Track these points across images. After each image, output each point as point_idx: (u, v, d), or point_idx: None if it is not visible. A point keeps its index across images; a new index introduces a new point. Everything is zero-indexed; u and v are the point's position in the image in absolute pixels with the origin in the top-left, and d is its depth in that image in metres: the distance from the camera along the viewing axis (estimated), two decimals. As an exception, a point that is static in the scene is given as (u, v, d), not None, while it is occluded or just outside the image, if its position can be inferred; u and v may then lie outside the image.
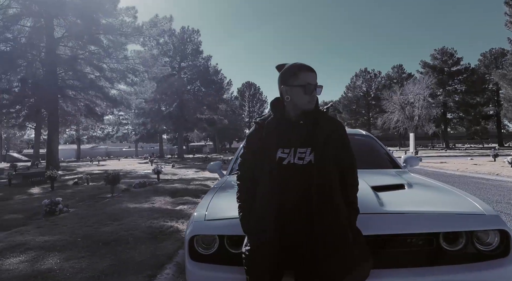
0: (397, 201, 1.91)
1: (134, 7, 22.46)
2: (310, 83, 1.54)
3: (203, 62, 37.27)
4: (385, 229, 1.68)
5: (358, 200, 1.73)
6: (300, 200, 1.50)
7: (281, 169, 1.52)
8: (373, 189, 2.02)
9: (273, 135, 1.58)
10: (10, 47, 20.26)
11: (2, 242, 4.24)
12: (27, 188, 11.11)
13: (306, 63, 1.61)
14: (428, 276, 1.60)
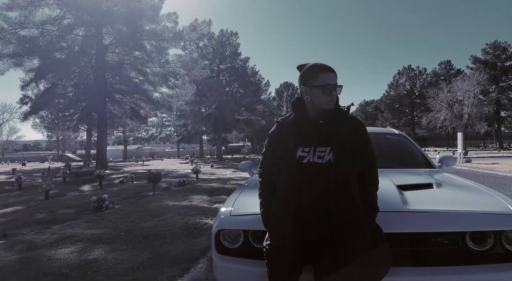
0: (422, 199, 1.89)
1: (175, 13, 23.39)
2: (329, 84, 1.56)
3: (241, 64, 37.83)
4: (407, 227, 1.67)
5: (381, 198, 1.75)
6: (319, 198, 1.52)
7: (301, 167, 1.55)
8: (399, 188, 2.01)
9: (294, 134, 1.61)
10: (65, 55, 21.98)
11: (56, 234, 4.66)
12: (79, 186, 12.01)
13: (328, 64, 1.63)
14: (453, 275, 1.57)
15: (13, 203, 8.38)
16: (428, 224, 1.66)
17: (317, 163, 1.54)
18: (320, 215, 1.52)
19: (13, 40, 20.35)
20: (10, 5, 20.39)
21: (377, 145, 3.21)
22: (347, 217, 1.49)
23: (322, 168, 1.53)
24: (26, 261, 3.57)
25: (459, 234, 1.65)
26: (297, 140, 1.60)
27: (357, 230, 1.49)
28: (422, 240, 1.68)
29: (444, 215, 1.69)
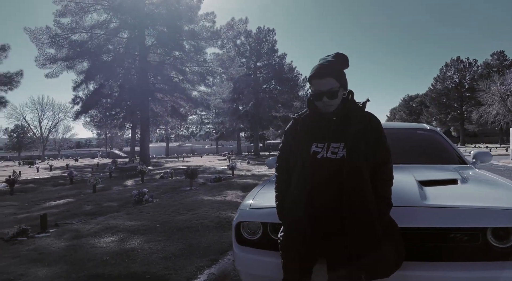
0: (442, 195, 1.86)
1: (213, 12, 23.85)
2: (319, 91, 1.59)
3: (278, 60, 37.73)
4: (424, 222, 1.65)
5: (399, 193, 1.78)
6: (331, 193, 1.55)
7: (315, 162, 1.59)
8: (420, 183, 1.98)
9: (308, 130, 1.66)
10: (111, 57, 23.28)
11: (99, 225, 5.04)
12: (123, 180, 12.74)
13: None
14: (473, 271, 1.54)
15: (65, 195, 9.11)
16: (445, 219, 1.63)
17: (330, 158, 1.57)
18: (332, 209, 1.55)
19: (66, 45, 21.88)
20: (63, 11, 21.93)
21: (406, 140, 3.17)
22: (359, 211, 1.50)
23: (336, 164, 1.56)
24: (72, 248, 3.91)
25: (479, 230, 1.61)
26: (311, 136, 1.64)
27: (368, 224, 1.51)
28: (439, 235, 1.65)
29: (461, 210, 1.66)
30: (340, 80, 1.61)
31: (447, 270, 1.56)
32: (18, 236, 4.47)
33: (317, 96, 1.61)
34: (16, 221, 5.72)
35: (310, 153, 1.61)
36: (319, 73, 1.60)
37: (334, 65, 1.62)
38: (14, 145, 67.51)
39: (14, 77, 25.41)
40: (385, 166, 1.63)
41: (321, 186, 1.58)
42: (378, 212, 1.54)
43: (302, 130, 1.68)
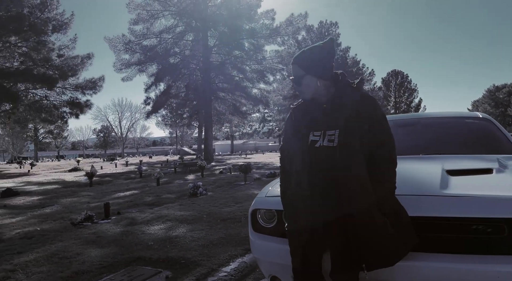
0: (469, 184, 1.71)
1: (273, 10, 23.98)
2: (291, 79, 1.65)
3: (341, 54, 36.47)
4: (441, 212, 1.52)
5: (417, 182, 1.77)
6: (330, 181, 1.50)
7: (314, 151, 1.56)
8: (448, 173, 1.84)
9: (304, 119, 1.64)
10: (177, 59, 24.77)
11: (153, 214, 5.40)
12: (185, 175, 13.50)
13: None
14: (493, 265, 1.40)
15: (133, 187, 9.94)
16: (462, 209, 1.48)
17: (328, 146, 1.53)
18: (331, 196, 1.50)
19: (138, 50, 23.85)
20: (136, 20, 23.92)
21: (450, 129, 2.88)
22: (356, 198, 1.44)
23: (333, 151, 1.52)
24: (125, 233, 4.26)
25: (503, 220, 1.42)
26: (308, 125, 1.62)
27: (366, 212, 1.43)
28: (459, 226, 1.50)
29: (481, 200, 1.49)
30: (306, 68, 1.58)
31: (464, 263, 1.41)
32: (84, 221, 5.01)
33: (292, 83, 1.68)
34: (87, 208, 6.40)
35: (308, 142, 1.58)
36: (293, 59, 1.66)
37: (307, 53, 1.62)
38: (101, 143, 75.59)
39: (98, 82, 28.33)
40: (384, 147, 1.55)
41: (322, 175, 1.53)
42: (377, 197, 1.45)
43: (298, 120, 1.67)
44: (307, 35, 36.47)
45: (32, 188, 10.70)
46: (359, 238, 1.43)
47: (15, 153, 57.36)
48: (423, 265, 1.46)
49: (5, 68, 23.78)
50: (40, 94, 26.25)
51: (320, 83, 1.59)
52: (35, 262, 3.22)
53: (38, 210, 6.46)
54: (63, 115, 27.68)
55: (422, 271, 1.46)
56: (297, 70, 1.59)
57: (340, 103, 1.57)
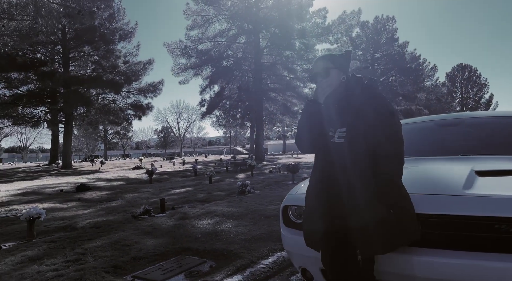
0: (496, 185, 1.75)
1: (325, 8, 23.68)
2: (315, 72, 1.81)
3: (398, 50, 34.73)
4: (461, 210, 1.59)
5: (441, 182, 1.88)
6: (340, 176, 1.66)
7: (330, 147, 1.73)
8: (477, 174, 1.88)
9: (323, 116, 1.80)
10: (230, 62, 25.57)
11: (203, 209, 5.80)
12: (236, 174, 13.98)
13: None
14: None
15: (187, 185, 10.60)
16: (482, 208, 1.55)
17: (339, 143, 1.69)
18: (341, 190, 1.65)
19: (194, 54, 25.06)
20: (192, 25, 25.15)
21: (495, 130, 2.79)
22: (360, 194, 1.58)
23: (342, 147, 1.68)
24: (177, 226, 4.67)
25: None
26: (326, 121, 1.78)
27: (365, 204, 1.56)
28: (480, 225, 1.56)
29: (502, 200, 1.54)
30: (334, 62, 1.76)
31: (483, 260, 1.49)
32: (143, 215, 5.55)
33: (312, 78, 1.82)
34: (146, 203, 7.03)
35: (327, 138, 1.75)
36: (315, 59, 1.85)
37: (331, 54, 1.83)
38: (162, 143, 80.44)
39: (158, 85, 30.32)
40: (388, 142, 1.62)
41: (334, 171, 1.69)
42: (377, 189, 1.57)
43: (318, 116, 1.81)
44: (361, 32, 35.31)
45: (101, 183, 11.89)
46: (356, 227, 1.56)
47: (89, 152, 63.47)
48: (443, 261, 1.54)
49: (79, 75, 26.49)
50: (108, 98, 28.78)
51: (343, 80, 1.75)
52: (101, 247, 3.71)
53: (105, 204, 7.24)
54: (127, 117, 30.09)
55: (444, 267, 1.54)
56: (326, 63, 1.76)
57: (349, 102, 1.72)
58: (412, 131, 3.45)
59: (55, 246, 3.82)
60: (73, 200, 7.84)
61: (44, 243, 3.97)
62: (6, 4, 7.02)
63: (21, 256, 3.46)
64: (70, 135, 27.87)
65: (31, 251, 3.64)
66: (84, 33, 23.93)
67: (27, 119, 26.05)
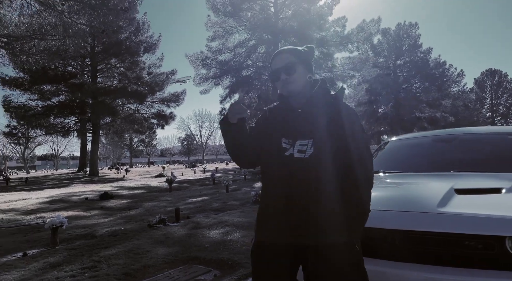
0: (471, 203, 1.86)
1: (344, 17, 23.70)
2: (275, 69, 1.49)
3: (421, 56, 34.07)
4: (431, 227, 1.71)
5: (418, 199, 1.98)
6: (298, 196, 1.37)
7: (284, 159, 1.41)
8: (456, 192, 1.98)
9: (278, 123, 1.50)
10: (250, 72, 25.97)
11: (215, 219, 6.01)
12: (253, 182, 14.16)
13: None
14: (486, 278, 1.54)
15: (204, 194, 10.87)
16: (452, 226, 1.66)
17: (299, 158, 1.38)
18: (299, 214, 1.37)
19: (214, 65, 25.62)
20: (212, 36, 25.78)
21: (486, 146, 2.86)
22: (326, 218, 1.35)
23: (303, 163, 1.37)
24: (189, 236, 4.90)
25: (495, 238, 1.58)
26: (281, 129, 1.47)
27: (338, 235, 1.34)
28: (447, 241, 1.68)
29: (471, 218, 1.66)
30: (299, 56, 1.49)
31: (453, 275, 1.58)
32: (158, 224, 5.82)
33: (274, 75, 1.50)
34: (163, 212, 7.33)
35: (279, 148, 1.43)
36: (280, 50, 1.54)
37: (294, 48, 1.55)
38: (185, 150, 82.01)
39: (180, 95, 31.22)
40: (360, 164, 1.40)
41: (287, 187, 1.38)
42: (347, 220, 1.35)
43: (272, 123, 1.52)
44: (383, 39, 34.95)
45: (124, 192, 12.38)
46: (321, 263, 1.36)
47: (115, 159, 65.59)
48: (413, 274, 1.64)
49: (106, 86, 27.70)
50: (133, 108, 29.85)
51: (309, 79, 1.50)
52: (116, 255, 3.98)
53: (125, 212, 7.61)
54: (151, 126, 31.08)
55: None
56: (290, 57, 1.47)
57: (316, 110, 1.44)
58: (407, 147, 3.54)
59: (75, 253, 4.13)
60: (96, 208, 8.26)
61: (65, 250, 4.29)
62: (37, 25, 7.64)
63: (43, 262, 3.78)
64: (97, 144, 29.06)
65: (53, 257, 3.96)
66: (111, 47, 25.07)
67: (58, 129, 27.41)
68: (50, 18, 7.30)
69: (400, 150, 3.67)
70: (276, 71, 1.48)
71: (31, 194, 12.87)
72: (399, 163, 3.28)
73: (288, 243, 1.40)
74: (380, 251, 1.79)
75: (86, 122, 28.60)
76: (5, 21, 6.74)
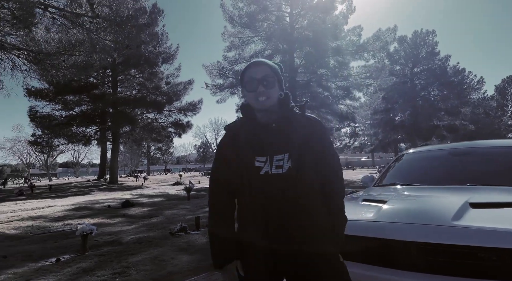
0: (484, 217, 1.94)
1: (360, 26, 23.78)
2: (253, 78, 1.40)
3: (439, 64, 33.64)
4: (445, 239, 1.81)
5: (431, 212, 2.07)
6: (279, 213, 1.34)
7: (259, 179, 1.36)
8: (471, 205, 2.07)
9: (247, 142, 1.42)
10: (265, 81, 26.32)
11: (235, 228, 6.18)
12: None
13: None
14: None
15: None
16: (463, 238, 1.77)
17: (277, 175, 1.35)
18: (280, 230, 1.34)
19: (231, 75, 26.06)
20: (229, 47, 26.29)
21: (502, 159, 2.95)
22: (310, 230, 1.36)
23: (282, 179, 1.35)
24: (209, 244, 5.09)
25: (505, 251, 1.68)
26: (252, 148, 1.40)
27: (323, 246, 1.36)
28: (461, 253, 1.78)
29: (481, 231, 1.76)
30: (276, 73, 1.46)
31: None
32: (179, 232, 6.05)
33: (251, 85, 1.41)
34: (183, 221, 7.56)
35: (253, 169, 1.37)
36: (256, 61, 1.47)
37: (272, 63, 1.50)
38: (201, 158, 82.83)
39: (197, 104, 31.78)
40: (336, 176, 1.47)
41: (273, 208, 1.33)
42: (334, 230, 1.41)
43: (240, 143, 1.44)
44: (399, 47, 34.74)
45: (144, 200, 12.72)
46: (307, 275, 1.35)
47: (133, 167, 66.87)
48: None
49: (126, 96, 28.51)
50: (151, 117, 30.57)
51: (280, 96, 1.45)
52: (142, 262, 4.21)
53: (147, 220, 7.88)
54: (169, 134, 31.69)
55: None
56: (269, 72, 1.42)
57: (289, 125, 1.42)
58: (423, 159, 3.64)
59: (104, 259, 4.38)
60: (119, 216, 8.57)
61: (95, 256, 4.55)
62: (66, 41, 8.11)
63: (76, 267, 4.04)
64: (117, 152, 29.83)
65: (84, 263, 4.22)
66: (131, 58, 25.87)
67: (80, 137, 28.30)
68: (78, 35, 7.77)
69: (416, 162, 3.76)
70: (253, 82, 1.40)
71: (56, 201, 13.39)
72: (415, 176, 3.36)
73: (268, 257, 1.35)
74: (398, 261, 1.90)
75: (106, 131, 29.43)
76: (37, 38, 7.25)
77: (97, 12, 7.73)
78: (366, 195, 3.04)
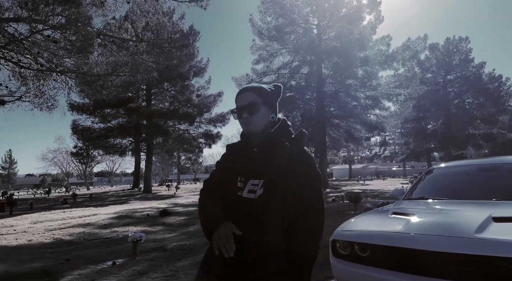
0: (506, 230, 2.14)
1: (389, 35, 23.75)
2: (238, 107, 1.46)
3: (473, 71, 32.64)
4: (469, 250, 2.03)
5: (457, 225, 2.29)
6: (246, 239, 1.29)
7: (235, 198, 1.40)
8: (494, 220, 2.29)
9: (237, 161, 1.48)
10: (293, 92, 26.65)
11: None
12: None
13: None
14: None
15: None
16: (489, 249, 1.99)
17: (249, 198, 1.36)
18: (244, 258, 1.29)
19: (259, 86, 26.71)
20: (257, 60, 26.98)
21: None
22: (268, 262, 1.29)
23: (252, 204, 1.34)
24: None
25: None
26: (238, 168, 1.46)
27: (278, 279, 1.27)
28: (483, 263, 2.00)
29: (501, 243, 1.98)
30: (263, 97, 1.45)
31: None
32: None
33: (237, 112, 1.46)
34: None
35: (235, 188, 1.42)
36: (243, 88, 1.51)
37: (259, 87, 1.50)
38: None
39: (226, 116, 32.61)
40: (308, 214, 1.33)
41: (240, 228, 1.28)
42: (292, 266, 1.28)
43: (230, 161, 1.52)
44: (430, 54, 34.11)
45: (179, 209, 13.33)
46: None
47: (164, 177, 68.87)
48: None
49: (159, 109, 29.79)
50: (183, 129, 31.70)
51: (271, 119, 1.47)
52: (189, 266, 4.65)
53: (185, 228, 8.38)
54: (199, 145, 32.66)
55: None
56: (252, 96, 1.43)
57: (271, 150, 1.41)
58: (452, 174, 3.85)
59: (154, 263, 4.86)
60: (159, 224, 9.15)
61: (146, 260, 5.05)
62: (113, 64, 8.92)
63: (132, 270, 4.54)
64: (151, 163, 31.09)
65: (138, 266, 4.72)
66: (164, 72, 27.15)
67: (116, 148, 29.82)
68: (123, 57, 8.56)
69: (445, 176, 3.97)
70: (239, 109, 1.46)
71: (99, 209, 14.31)
72: (444, 190, 3.59)
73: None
74: (425, 269, 2.16)
75: (140, 142, 30.83)
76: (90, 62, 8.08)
77: (141, 36, 8.51)
78: (396, 208, 3.31)
